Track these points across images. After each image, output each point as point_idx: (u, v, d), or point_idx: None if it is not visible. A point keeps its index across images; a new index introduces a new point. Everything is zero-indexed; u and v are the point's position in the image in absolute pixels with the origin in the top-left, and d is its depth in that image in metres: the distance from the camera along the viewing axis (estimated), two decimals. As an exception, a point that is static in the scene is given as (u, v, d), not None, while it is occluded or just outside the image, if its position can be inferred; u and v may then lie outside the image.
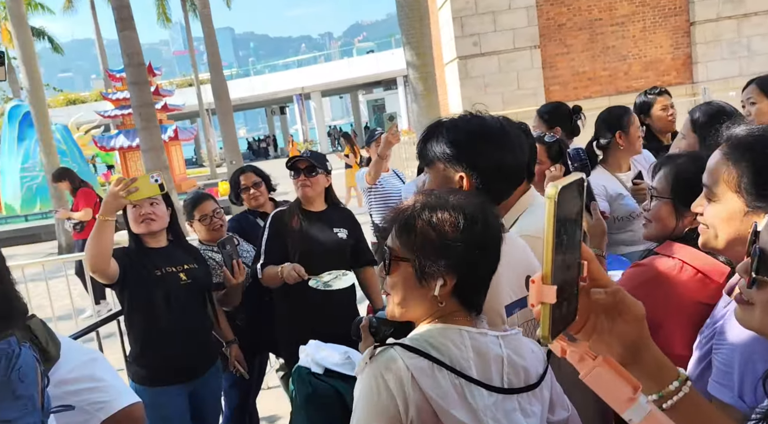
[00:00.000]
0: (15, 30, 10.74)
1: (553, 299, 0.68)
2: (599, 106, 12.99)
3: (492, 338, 1.18)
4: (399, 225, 1.20)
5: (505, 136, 1.44)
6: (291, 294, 2.78)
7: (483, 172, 1.41)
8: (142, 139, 8.55)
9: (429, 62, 6.97)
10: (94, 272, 2.40)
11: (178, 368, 2.60)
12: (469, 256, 1.14)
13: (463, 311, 1.19)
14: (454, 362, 1.11)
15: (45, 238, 13.59)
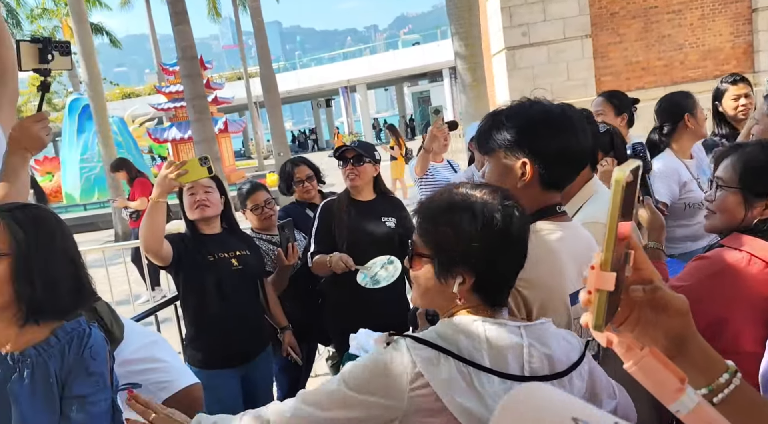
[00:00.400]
0: (76, 26, 11.17)
1: (612, 286, 0.68)
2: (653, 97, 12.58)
3: (511, 328, 1.17)
4: (420, 221, 1.22)
5: (567, 121, 1.41)
6: (340, 283, 2.81)
7: (546, 158, 1.38)
8: (195, 131, 8.78)
9: (478, 53, 6.89)
10: (148, 251, 2.49)
11: (231, 352, 2.67)
12: (488, 255, 1.15)
13: (485, 306, 1.20)
14: (462, 351, 1.12)
15: (102, 226, 14.14)
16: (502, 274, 1.20)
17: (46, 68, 1.91)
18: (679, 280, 1.55)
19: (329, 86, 33.94)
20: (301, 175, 3.46)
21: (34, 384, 1.36)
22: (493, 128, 1.44)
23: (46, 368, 1.37)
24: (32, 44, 1.88)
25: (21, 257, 1.35)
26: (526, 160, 1.38)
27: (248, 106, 28.29)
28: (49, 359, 1.37)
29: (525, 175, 1.38)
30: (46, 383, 1.37)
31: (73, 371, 1.41)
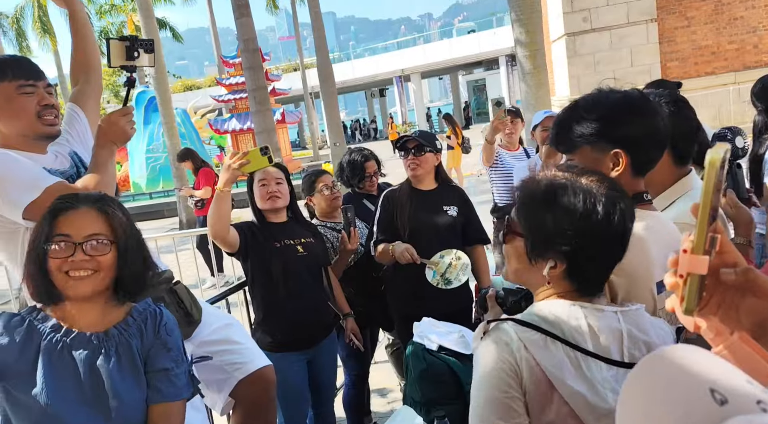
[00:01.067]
0: (143, 21, 11.59)
1: (705, 269, 0.68)
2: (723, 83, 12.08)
3: (610, 314, 1.15)
4: (521, 199, 1.20)
5: (649, 104, 1.38)
6: (403, 271, 2.84)
7: (635, 145, 1.35)
8: (256, 122, 8.98)
9: (539, 40, 6.74)
10: (216, 238, 2.60)
11: (297, 336, 2.75)
12: (583, 245, 1.11)
13: (576, 292, 1.17)
14: (567, 335, 1.11)
15: (167, 214, 14.71)
16: (596, 264, 1.16)
17: (133, 65, 2.02)
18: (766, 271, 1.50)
19: (383, 76, 33.94)
20: (371, 170, 3.53)
21: (121, 361, 1.45)
22: (573, 123, 1.41)
23: (130, 347, 1.47)
24: (120, 42, 1.99)
25: (123, 242, 1.45)
26: (618, 150, 1.35)
27: (303, 97, 28.65)
28: (130, 338, 1.48)
29: (618, 166, 1.35)
30: (132, 360, 1.47)
31: (154, 348, 1.51)
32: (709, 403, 0.49)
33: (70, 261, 1.38)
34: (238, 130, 18.24)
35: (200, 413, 2.09)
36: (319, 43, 13.97)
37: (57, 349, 1.39)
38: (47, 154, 2.00)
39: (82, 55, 2.26)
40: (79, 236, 1.39)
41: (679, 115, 1.67)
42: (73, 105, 2.22)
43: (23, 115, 1.88)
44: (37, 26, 24.20)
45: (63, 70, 26.54)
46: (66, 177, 1.95)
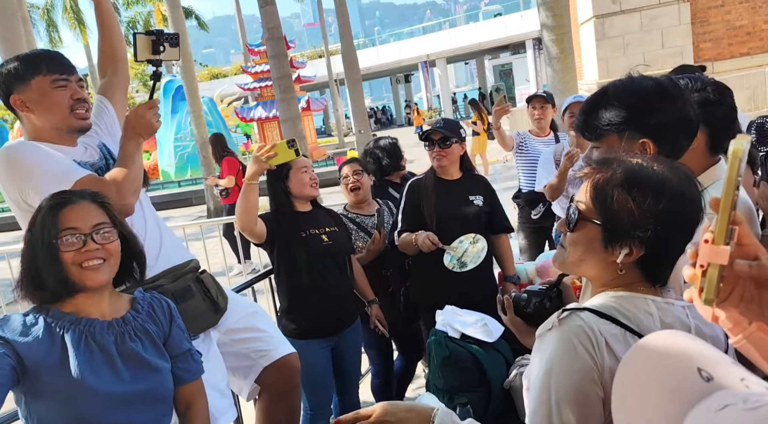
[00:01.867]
0: (169, 11, 11.69)
1: (726, 260, 0.68)
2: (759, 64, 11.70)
3: (678, 308, 1.14)
4: (595, 185, 1.15)
5: (679, 91, 1.35)
6: (428, 260, 2.85)
7: (667, 133, 1.32)
8: (281, 110, 9.02)
9: (566, 23, 6.61)
10: (243, 229, 2.62)
11: (322, 323, 2.78)
12: (663, 230, 1.08)
13: (645, 283, 1.15)
14: (643, 330, 1.08)
15: (195, 202, 14.94)
16: (671, 251, 1.14)
17: (158, 59, 2.06)
18: None
19: (408, 62, 33.72)
20: (402, 161, 3.61)
21: (144, 342, 1.54)
22: (602, 110, 1.38)
23: (147, 330, 1.55)
24: (147, 36, 2.03)
25: (122, 230, 1.53)
26: (646, 140, 1.33)
27: (328, 84, 28.67)
28: (144, 323, 1.56)
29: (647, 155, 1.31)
30: (153, 341, 1.55)
31: (173, 332, 1.61)
32: (696, 380, 0.54)
33: (84, 252, 1.42)
34: (264, 118, 18.38)
35: (227, 399, 2.14)
36: (343, 30, 13.93)
37: (83, 339, 1.44)
38: (77, 146, 2.04)
39: (108, 46, 2.29)
40: (86, 227, 1.44)
41: (722, 103, 1.63)
42: (102, 97, 2.26)
43: (57, 109, 1.93)
44: (70, 17, 24.59)
45: (93, 61, 27.01)
46: (95, 169, 2.00)
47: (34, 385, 1.39)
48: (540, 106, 4.42)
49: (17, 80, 1.91)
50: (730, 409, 0.49)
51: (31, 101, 1.92)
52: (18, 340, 1.37)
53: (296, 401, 2.40)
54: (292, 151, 2.53)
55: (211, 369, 2.08)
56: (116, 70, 2.29)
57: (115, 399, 1.43)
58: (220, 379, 2.13)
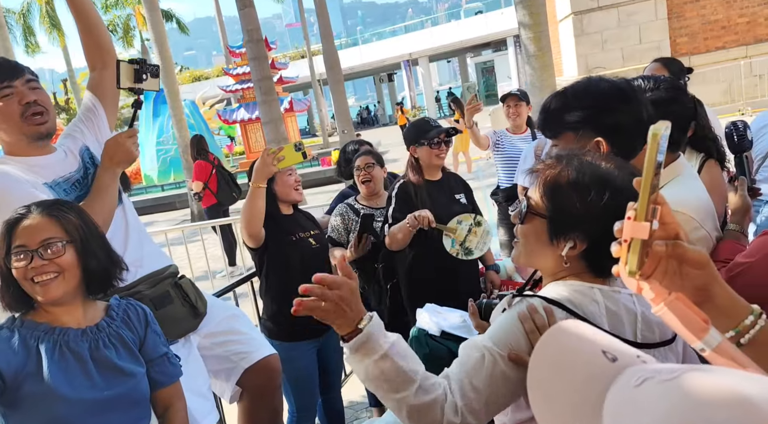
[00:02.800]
0: (148, 14, 11.62)
1: (647, 235, 0.75)
2: (734, 57, 11.88)
3: (626, 296, 1.19)
4: (544, 180, 1.20)
5: (635, 93, 1.40)
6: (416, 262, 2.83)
7: (621, 133, 1.37)
8: (262, 112, 9.01)
9: (543, 21, 6.67)
10: (250, 235, 2.58)
11: (310, 325, 2.79)
12: (605, 225, 1.09)
13: (591, 273, 1.20)
14: (588, 316, 1.14)
15: (179, 206, 14.86)
16: None
17: (140, 88, 2.03)
18: (746, 256, 1.53)
19: (391, 61, 33.74)
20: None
21: (118, 348, 1.56)
22: (560, 109, 1.42)
23: (122, 337, 1.57)
24: (130, 65, 2.00)
25: (79, 241, 1.52)
26: (600, 139, 1.37)
27: (312, 85, 28.61)
28: (119, 330, 1.58)
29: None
30: (127, 347, 1.58)
31: (148, 337, 1.64)
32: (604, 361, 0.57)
33: (31, 268, 1.43)
34: (247, 120, 18.27)
35: (208, 401, 2.16)
36: (324, 31, 13.93)
37: (57, 348, 1.46)
38: (56, 152, 1.99)
39: (90, 37, 2.17)
40: (33, 243, 1.44)
41: (676, 102, 1.68)
42: (92, 96, 2.16)
43: (7, 120, 1.84)
44: (45, 21, 24.30)
45: (72, 65, 26.71)
46: (71, 183, 1.96)
47: (14, 396, 1.40)
48: (514, 105, 4.52)
49: None
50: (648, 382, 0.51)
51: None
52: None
53: (277, 402, 2.42)
54: (299, 154, 2.54)
55: (192, 373, 2.09)
56: (105, 63, 2.17)
57: (90, 405, 1.45)
58: (202, 382, 2.14)
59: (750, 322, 0.81)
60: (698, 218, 1.55)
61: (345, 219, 3.14)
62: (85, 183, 2.01)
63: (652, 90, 1.67)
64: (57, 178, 1.94)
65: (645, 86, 1.68)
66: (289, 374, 2.70)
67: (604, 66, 12.03)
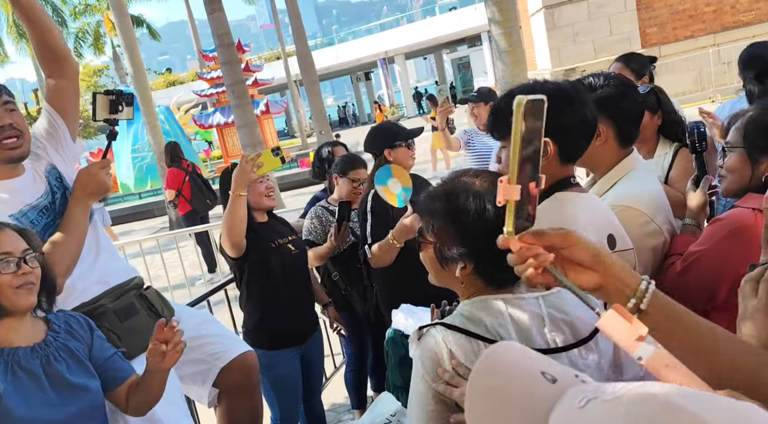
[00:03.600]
0: (117, 20, 11.46)
1: (517, 196, 0.82)
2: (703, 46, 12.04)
3: (531, 300, 1.19)
4: (422, 208, 1.25)
5: (579, 94, 1.42)
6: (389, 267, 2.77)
7: (565, 133, 1.39)
8: (237, 116, 8.95)
9: (513, 17, 6.72)
10: (234, 245, 2.51)
11: (293, 332, 2.79)
12: (488, 242, 1.10)
13: (490, 288, 1.21)
14: (491, 332, 1.14)
15: (157, 213, 14.68)
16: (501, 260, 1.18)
17: (115, 118, 2.01)
18: (698, 244, 1.58)
19: (367, 59, 33.71)
20: None
21: (68, 361, 1.55)
22: (506, 112, 1.44)
23: (69, 349, 1.57)
24: (106, 96, 1.98)
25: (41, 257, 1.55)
26: (547, 139, 1.38)
27: (288, 86, 28.48)
28: (66, 342, 1.58)
29: (547, 154, 1.39)
30: (76, 358, 1.58)
31: (95, 343, 1.65)
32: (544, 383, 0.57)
33: (20, 274, 1.45)
34: (223, 124, 18.15)
35: (181, 409, 2.11)
36: (297, 32, 13.87)
37: (9, 369, 1.44)
38: (24, 173, 1.93)
39: (43, 44, 2.01)
40: (18, 251, 1.48)
41: (626, 98, 1.70)
42: (51, 109, 2.06)
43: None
44: (12, 31, 23.86)
45: (41, 75, 26.26)
46: (38, 210, 1.91)
47: None
48: (472, 107, 4.64)
49: None
50: (592, 403, 0.51)
51: None
52: None
53: (257, 400, 2.37)
54: (278, 159, 2.51)
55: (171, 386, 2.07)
56: (63, 72, 2.05)
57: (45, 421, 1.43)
58: (174, 391, 2.11)
59: (644, 286, 0.86)
60: (648, 213, 1.59)
61: (322, 221, 3.11)
62: (53, 209, 1.94)
63: (602, 87, 1.70)
64: (24, 207, 1.88)
65: (595, 84, 1.71)
66: (273, 381, 2.68)
67: (577, 59, 12.14)
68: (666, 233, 1.65)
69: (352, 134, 22.91)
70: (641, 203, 1.59)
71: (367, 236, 2.78)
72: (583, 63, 11.99)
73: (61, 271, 1.81)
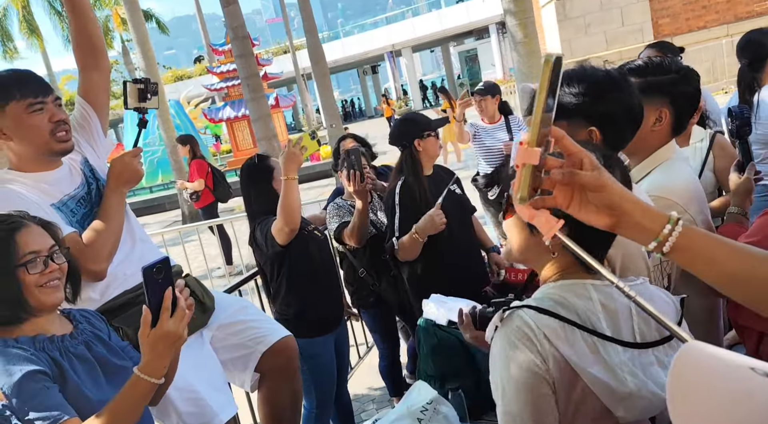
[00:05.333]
0: (129, 15, 11.49)
1: (537, 160, 0.79)
2: (716, 36, 11.98)
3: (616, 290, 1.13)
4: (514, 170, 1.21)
5: (626, 81, 1.40)
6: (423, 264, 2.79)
7: (611, 122, 1.37)
8: (252, 110, 8.96)
9: (528, 8, 6.70)
10: (292, 230, 2.51)
11: (332, 318, 2.86)
12: None
13: (577, 266, 1.15)
14: (582, 318, 1.09)
15: (169, 207, 14.78)
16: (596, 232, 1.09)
17: (144, 107, 2.05)
18: (749, 236, 1.53)
19: (374, 53, 33.65)
20: None
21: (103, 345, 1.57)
22: None
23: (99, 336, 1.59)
24: (135, 85, 2.02)
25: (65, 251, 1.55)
26: (593, 128, 1.38)
27: (296, 79, 28.45)
28: (93, 331, 1.59)
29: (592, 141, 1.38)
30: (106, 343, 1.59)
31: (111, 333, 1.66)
32: (759, 378, 0.56)
33: (47, 273, 1.44)
34: (233, 117, 18.18)
35: (225, 394, 2.15)
36: (307, 25, 13.83)
37: (65, 355, 1.45)
38: (62, 166, 1.97)
39: (84, 36, 2.10)
40: (44, 249, 1.45)
41: (689, 86, 1.68)
42: (83, 102, 2.11)
43: (36, 134, 1.84)
44: (23, 27, 23.94)
45: (52, 70, 26.35)
46: (76, 200, 1.95)
47: None
48: (478, 100, 4.81)
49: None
50: None
51: (8, 128, 1.82)
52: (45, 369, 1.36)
53: (297, 384, 2.40)
54: (315, 142, 2.67)
55: (206, 368, 2.11)
56: (98, 64, 2.12)
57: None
58: (216, 376, 2.15)
59: (668, 230, 0.85)
60: (682, 203, 1.55)
61: (343, 210, 3.07)
62: (89, 199, 1.99)
63: (668, 73, 1.65)
64: (64, 197, 1.92)
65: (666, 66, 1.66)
66: (313, 369, 2.71)
67: (588, 50, 12.08)
68: (701, 224, 1.62)
69: (362, 127, 22.89)
70: (674, 194, 1.56)
71: (395, 230, 2.78)
72: (594, 54, 11.92)
73: (103, 256, 1.86)
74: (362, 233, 2.91)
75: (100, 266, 1.86)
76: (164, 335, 1.31)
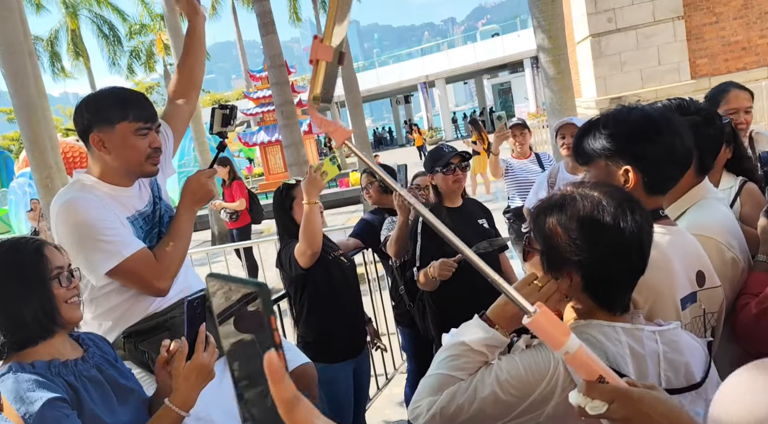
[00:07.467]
0: (172, 40, 11.89)
1: (330, 57, 0.81)
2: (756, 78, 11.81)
3: (648, 334, 1.13)
4: (534, 214, 1.21)
5: (669, 124, 1.40)
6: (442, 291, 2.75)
7: (649, 163, 1.37)
8: (284, 136, 9.12)
9: (562, 44, 6.71)
10: (314, 253, 2.57)
11: (353, 344, 2.87)
12: (596, 256, 1.11)
13: (605, 310, 1.16)
14: (610, 360, 1.08)
15: (200, 227, 14.96)
16: (612, 275, 1.14)
17: (226, 131, 2.16)
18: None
19: (408, 83, 34.04)
20: None
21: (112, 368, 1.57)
22: (591, 137, 1.45)
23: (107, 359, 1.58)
24: (221, 111, 2.13)
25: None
26: (628, 167, 1.38)
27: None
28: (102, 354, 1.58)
29: (628, 182, 1.38)
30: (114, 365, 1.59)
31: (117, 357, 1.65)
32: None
33: (72, 288, 1.46)
34: (267, 142, 18.51)
35: (235, 419, 2.14)
36: (343, 54, 14.11)
37: (78, 379, 1.43)
38: (134, 185, 2.03)
39: (190, 73, 2.27)
40: (65, 266, 1.48)
41: (710, 126, 1.69)
42: (166, 126, 2.20)
43: (135, 155, 1.92)
44: (70, 49, 24.99)
45: (96, 88, 27.33)
46: (143, 217, 2.00)
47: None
48: (519, 133, 4.88)
49: (102, 121, 1.89)
50: None
51: (111, 143, 1.90)
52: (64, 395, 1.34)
53: None
54: (335, 167, 2.71)
55: (224, 395, 2.11)
56: (190, 99, 2.28)
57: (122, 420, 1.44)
58: (229, 399, 2.14)
59: None
60: (723, 241, 1.54)
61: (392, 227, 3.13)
62: (152, 218, 2.04)
63: (688, 114, 1.67)
64: (135, 213, 1.98)
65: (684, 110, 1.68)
66: (328, 395, 2.71)
67: (623, 88, 12.03)
68: (743, 262, 1.60)
69: (392, 156, 23.03)
70: (716, 232, 1.54)
71: (415, 259, 2.80)
72: (629, 92, 11.86)
73: (170, 274, 1.90)
74: (400, 246, 2.97)
75: (167, 282, 1.89)
76: (198, 368, 1.34)
